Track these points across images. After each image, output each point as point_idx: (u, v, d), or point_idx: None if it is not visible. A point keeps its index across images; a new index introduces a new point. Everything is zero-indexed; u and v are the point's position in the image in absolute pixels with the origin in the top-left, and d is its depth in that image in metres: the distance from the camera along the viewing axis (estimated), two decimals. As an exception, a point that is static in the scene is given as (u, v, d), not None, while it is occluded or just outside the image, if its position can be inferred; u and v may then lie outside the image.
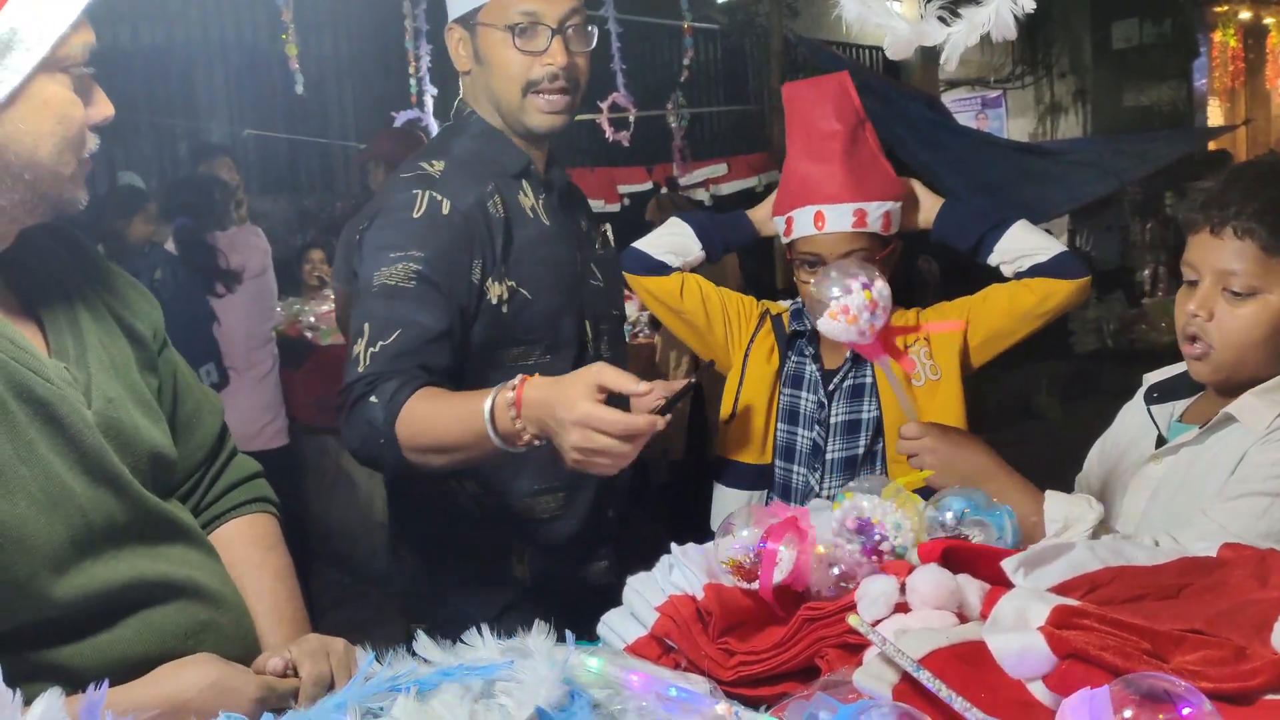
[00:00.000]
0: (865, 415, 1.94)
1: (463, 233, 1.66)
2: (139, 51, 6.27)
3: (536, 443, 1.44)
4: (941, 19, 1.27)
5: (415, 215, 1.65)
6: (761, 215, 2.08)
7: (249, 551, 1.35)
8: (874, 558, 1.19)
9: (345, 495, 4.96)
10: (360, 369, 1.58)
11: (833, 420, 1.95)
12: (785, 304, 2.08)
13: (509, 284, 1.70)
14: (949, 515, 1.23)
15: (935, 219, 1.99)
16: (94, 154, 1.17)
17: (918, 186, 2.02)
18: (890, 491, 1.25)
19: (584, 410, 1.36)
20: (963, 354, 1.96)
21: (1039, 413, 7.39)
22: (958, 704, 0.84)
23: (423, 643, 1.10)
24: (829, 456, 1.93)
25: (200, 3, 6.61)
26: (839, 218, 1.90)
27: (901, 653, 0.92)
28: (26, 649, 1.00)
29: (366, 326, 1.60)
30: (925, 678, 0.88)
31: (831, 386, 1.96)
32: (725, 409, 2.02)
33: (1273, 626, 0.92)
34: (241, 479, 1.41)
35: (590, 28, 1.77)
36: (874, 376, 1.94)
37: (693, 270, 2.07)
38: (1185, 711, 0.76)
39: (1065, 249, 1.94)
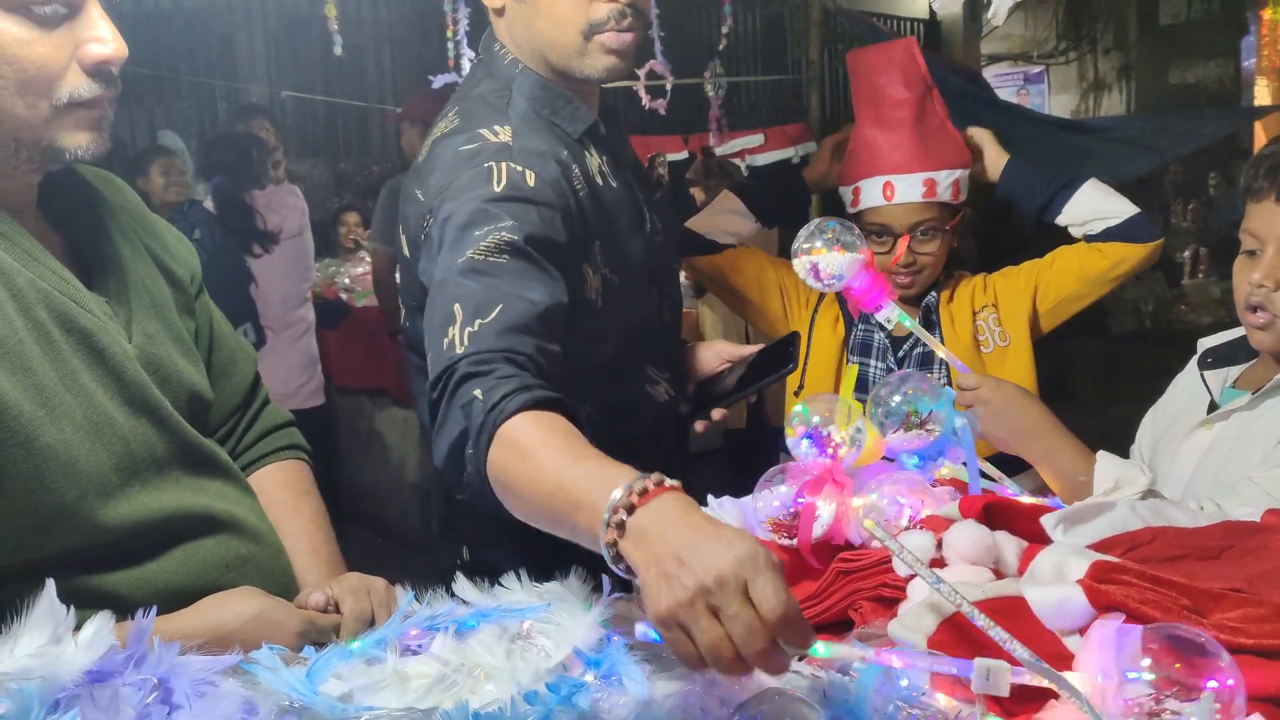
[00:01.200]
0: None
1: (556, 207, 1.39)
2: (179, 12, 6.29)
3: (629, 577, 0.96)
4: (991, -25, 1.25)
5: (497, 189, 1.36)
6: (814, 175, 2.07)
7: (284, 495, 1.37)
8: (828, 451, 1.23)
9: (377, 456, 5.01)
10: (459, 349, 1.21)
11: None
12: None
13: (602, 271, 1.47)
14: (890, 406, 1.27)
15: (1001, 175, 1.96)
16: (108, 99, 1.08)
17: (987, 139, 1.98)
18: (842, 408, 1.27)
19: (757, 557, 0.88)
20: (1032, 320, 1.96)
21: (1074, 393, 7.33)
22: (997, 634, 0.83)
23: (461, 584, 1.11)
24: None
25: (241, -37, 6.62)
26: (909, 188, 1.90)
27: (942, 581, 0.92)
28: (76, 574, 1.02)
29: (457, 308, 1.25)
30: (963, 606, 0.88)
31: (901, 354, 1.97)
32: (793, 380, 2.02)
33: (1315, 586, 0.91)
34: (274, 426, 1.43)
35: None
36: (945, 342, 1.93)
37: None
38: (1210, 675, 0.76)
39: (1137, 211, 1.91)
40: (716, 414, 1.60)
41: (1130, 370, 7.37)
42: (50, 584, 0.85)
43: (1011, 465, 1.53)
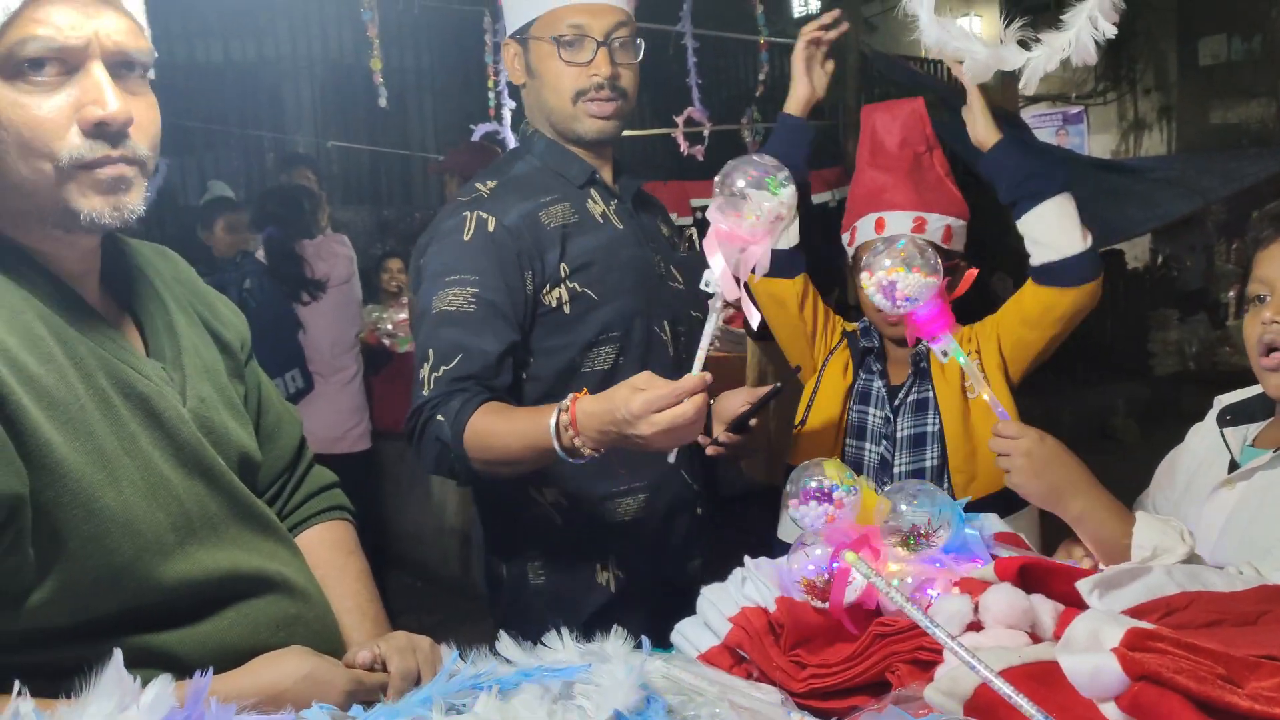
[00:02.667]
0: (930, 429, 1.95)
1: (509, 247, 1.73)
2: (230, 65, 6.48)
3: (595, 454, 1.53)
4: (1022, 43, 1.28)
5: (465, 238, 1.73)
6: (796, 101, 2.06)
7: (331, 555, 1.41)
8: (825, 503, 1.24)
9: (420, 500, 5.06)
10: (425, 392, 1.67)
11: (899, 435, 1.97)
12: (856, 324, 2.11)
13: (570, 286, 1.76)
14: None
15: (986, 154, 1.91)
16: (120, 160, 1.08)
17: (978, 105, 1.91)
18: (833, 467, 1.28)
19: (639, 402, 1.43)
20: (1004, 369, 1.96)
21: (1115, 435, 7.25)
22: (1028, 708, 0.85)
23: (505, 643, 1.14)
24: (896, 470, 1.95)
25: (288, 19, 6.81)
26: (898, 222, 1.94)
27: (972, 655, 0.93)
28: (132, 633, 1.06)
29: (431, 351, 1.69)
30: (995, 680, 0.89)
31: (897, 402, 1.98)
32: (798, 416, 2.05)
33: (1352, 656, 0.91)
34: (320, 488, 1.47)
35: (638, 41, 1.84)
36: (935, 392, 1.95)
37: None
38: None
39: (1081, 251, 1.84)
40: (723, 435, 1.80)
41: (1175, 412, 7.28)
42: (118, 653, 0.89)
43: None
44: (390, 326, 5.36)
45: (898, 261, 1.43)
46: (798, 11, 7.62)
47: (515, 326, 1.72)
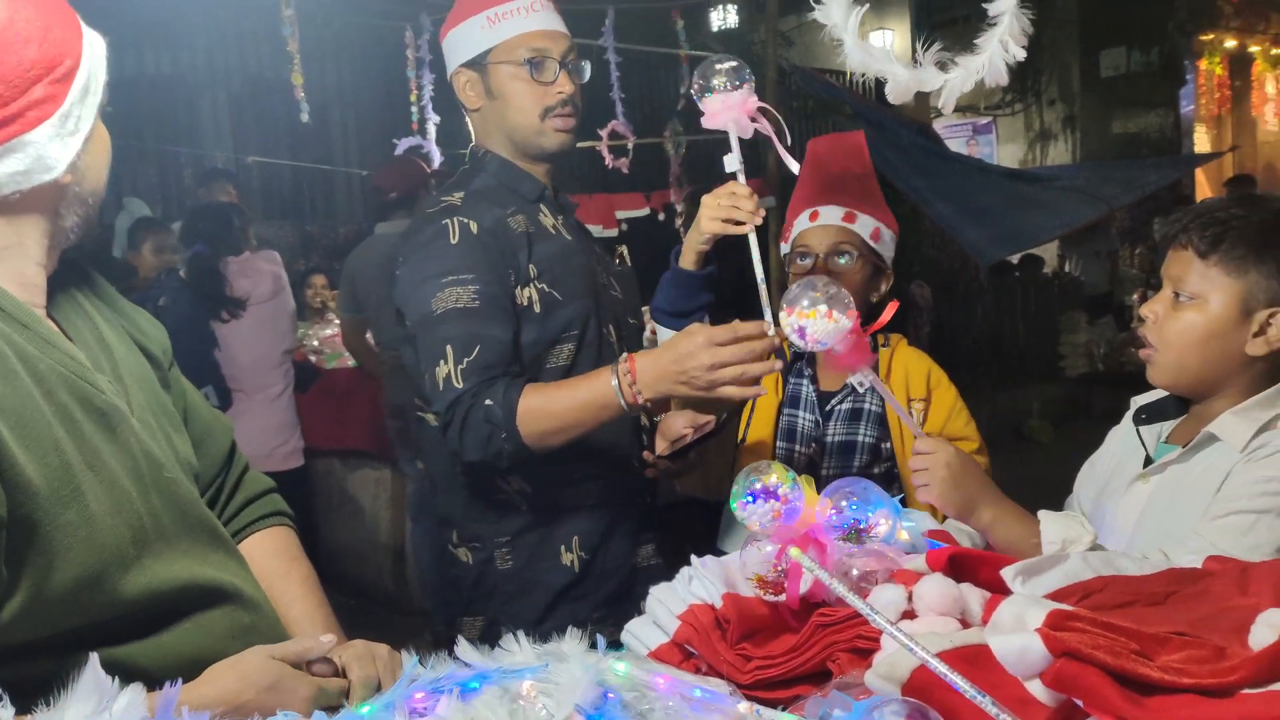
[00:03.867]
0: (861, 439, 2.03)
1: (494, 247, 1.85)
2: (144, 79, 6.37)
3: (650, 404, 1.73)
4: (939, 64, 1.36)
5: (453, 241, 1.84)
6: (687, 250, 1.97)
7: (274, 563, 1.43)
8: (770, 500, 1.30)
9: (352, 517, 5.03)
10: (459, 385, 1.77)
11: (828, 439, 2.05)
12: None
13: (539, 286, 1.88)
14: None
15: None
16: None
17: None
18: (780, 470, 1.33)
19: (701, 339, 1.63)
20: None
21: (1031, 436, 7.48)
22: (964, 686, 0.91)
23: (462, 647, 1.17)
24: (823, 473, 2.02)
25: (204, 32, 6.72)
26: (831, 213, 2.06)
27: (911, 640, 0.99)
28: (94, 646, 1.07)
29: (449, 349, 1.79)
30: (933, 662, 0.96)
31: (829, 408, 2.06)
32: (739, 433, 2.12)
33: (1250, 629, 1.00)
34: (257, 494, 1.49)
35: (584, 62, 1.99)
36: (871, 403, 2.03)
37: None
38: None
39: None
40: (650, 457, 1.97)
41: (1086, 412, 7.57)
42: (94, 657, 0.91)
43: None
44: (317, 343, 5.32)
45: (814, 304, 1.48)
46: (716, 25, 7.74)
47: (513, 319, 1.85)
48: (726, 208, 1.75)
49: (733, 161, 1.73)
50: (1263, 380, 1.54)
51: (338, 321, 5.00)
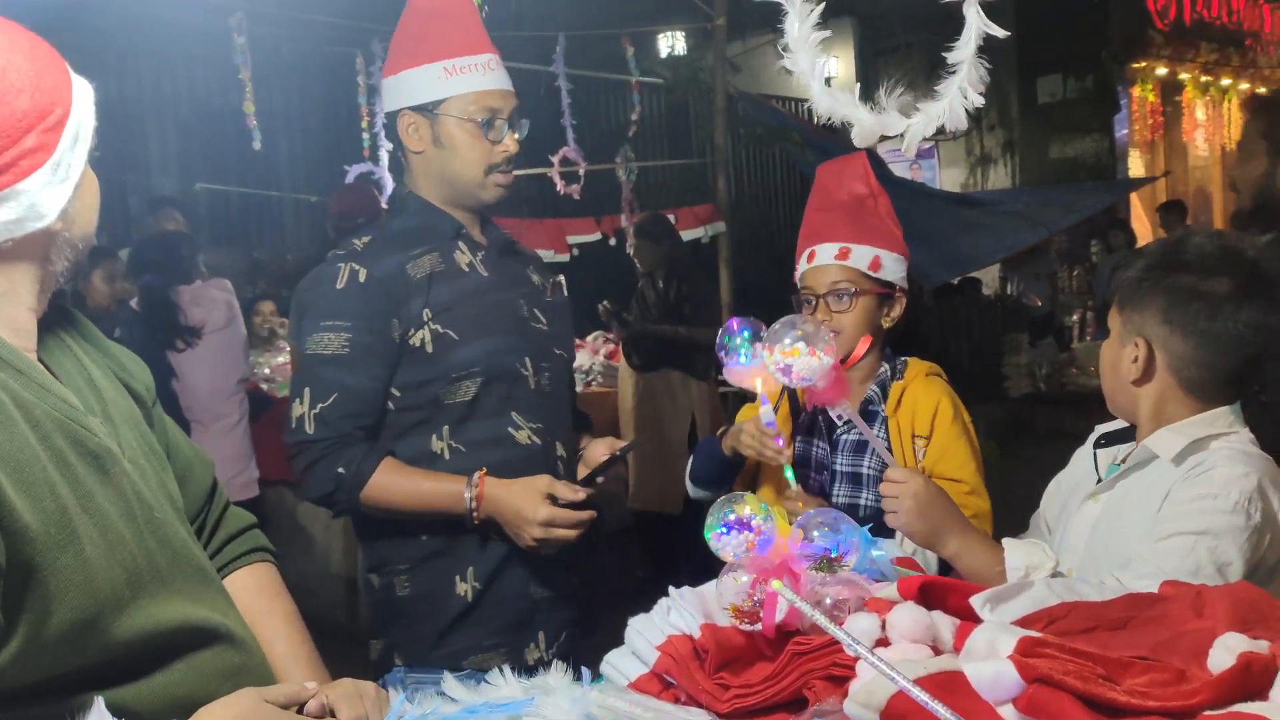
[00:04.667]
0: (865, 471, 2.06)
1: (378, 296, 1.94)
2: (88, 105, 6.28)
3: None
4: (902, 110, 1.42)
5: (339, 286, 1.94)
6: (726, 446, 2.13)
7: (257, 600, 1.44)
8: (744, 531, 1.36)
9: (304, 548, 4.97)
10: (310, 430, 1.90)
11: (837, 468, 2.09)
12: None
13: (433, 328, 1.95)
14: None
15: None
16: None
17: None
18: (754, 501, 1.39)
19: (546, 514, 1.85)
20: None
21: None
22: (944, 713, 0.95)
23: (449, 682, 1.20)
24: (834, 501, 2.06)
25: (151, 58, 6.66)
26: (826, 252, 2.08)
27: (890, 667, 1.03)
28: (88, 689, 1.08)
29: (307, 391, 1.92)
30: (914, 690, 0.99)
31: (835, 435, 2.10)
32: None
33: (1208, 652, 1.05)
34: (239, 530, 1.50)
35: (525, 120, 2.07)
36: (878, 435, 2.04)
37: None
38: None
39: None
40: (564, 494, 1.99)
41: (1030, 432, 7.71)
42: (99, 700, 0.92)
43: None
44: (268, 371, 5.27)
45: (795, 341, 1.58)
46: (665, 52, 7.83)
47: (385, 367, 1.94)
48: (757, 449, 1.98)
49: (766, 414, 1.87)
50: (1180, 405, 1.62)
51: (289, 349, 4.97)
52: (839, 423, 1.63)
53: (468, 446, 1.97)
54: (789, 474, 1.79)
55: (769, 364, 1.60)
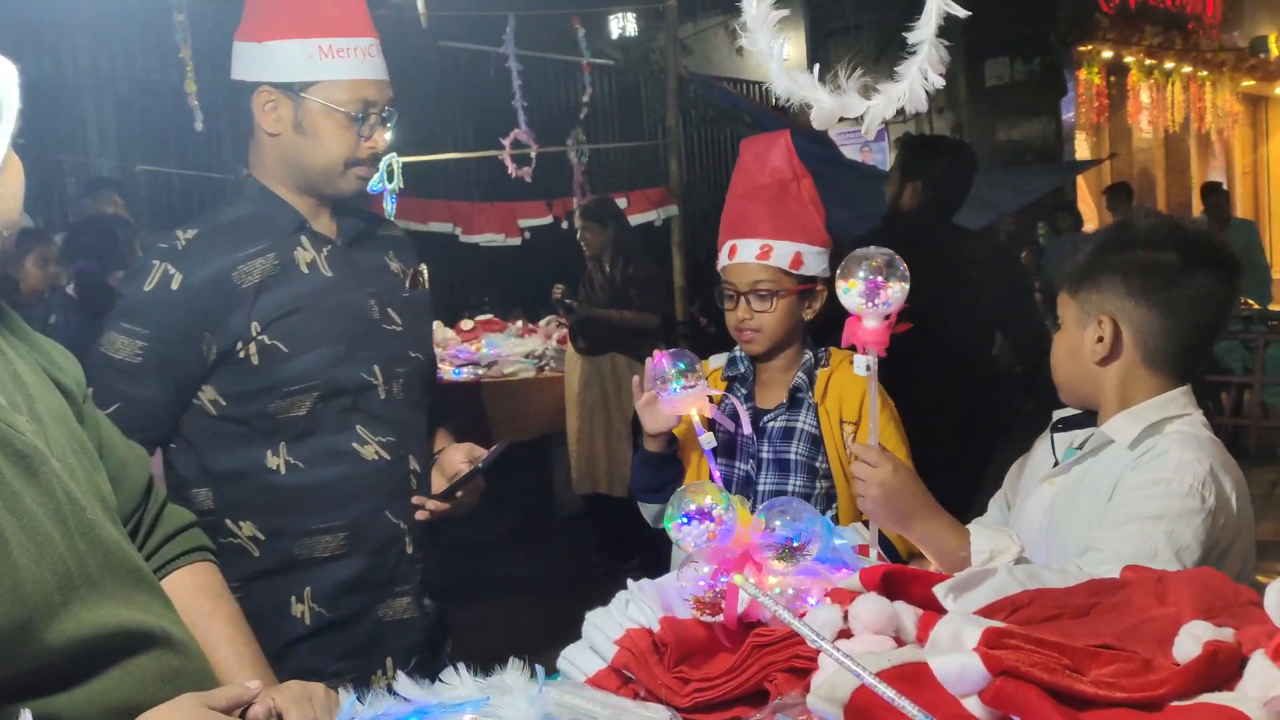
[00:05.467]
0: (793, 457, 2.05)
1: (188, 309, 1.75)
2: (23, 82, 6.09)
3: None
4: (862, 91, 1.39)
5: (145, 288, 1.76)
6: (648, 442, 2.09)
7: (198, 601, 1.38)
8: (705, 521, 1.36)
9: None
10: None
11: (763, 456, 2.07)
12: (715, 360, 2.20)
13: (259, 340, 1.79)
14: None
15: None
16: None
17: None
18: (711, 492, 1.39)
19: None
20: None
21: (928, 440, 7.64)
22: (909, 709, 0.93)
23: (402, 682, 1.16)
24: (760, 488, 2.05)
25: (88, 34, 6.47)
26: (747, 249, 2.06)
27: (855, 663, 1.01)
28: (21, 699, 1.03)
29: (90, 392, 1.72)
30: (878, 685, 0.97)
31: (762, 424, 2.08)
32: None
33: (1173, 640, 1.04)
34: (178, 529, 1.44)
35: (395, 116, 1.92)
36: (805, 422, 2.05)
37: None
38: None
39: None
40: (430, 503, 1.92)
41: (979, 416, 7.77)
42: (27, 714, 0.87)
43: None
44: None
45: (877, 274, 1.57)
46: (616, 33, 7.76)
47: (183, 380, 1.79)
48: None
49: (707, 442, 1.83)
50: (1140, 386, 1.64)
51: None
52: (860, 372, 1.59)
53: (307, 463, 1.83)
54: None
55: (850, 286, 1.57)
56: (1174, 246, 1.62)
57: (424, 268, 2.05)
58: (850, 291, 1.58)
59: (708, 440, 1.82)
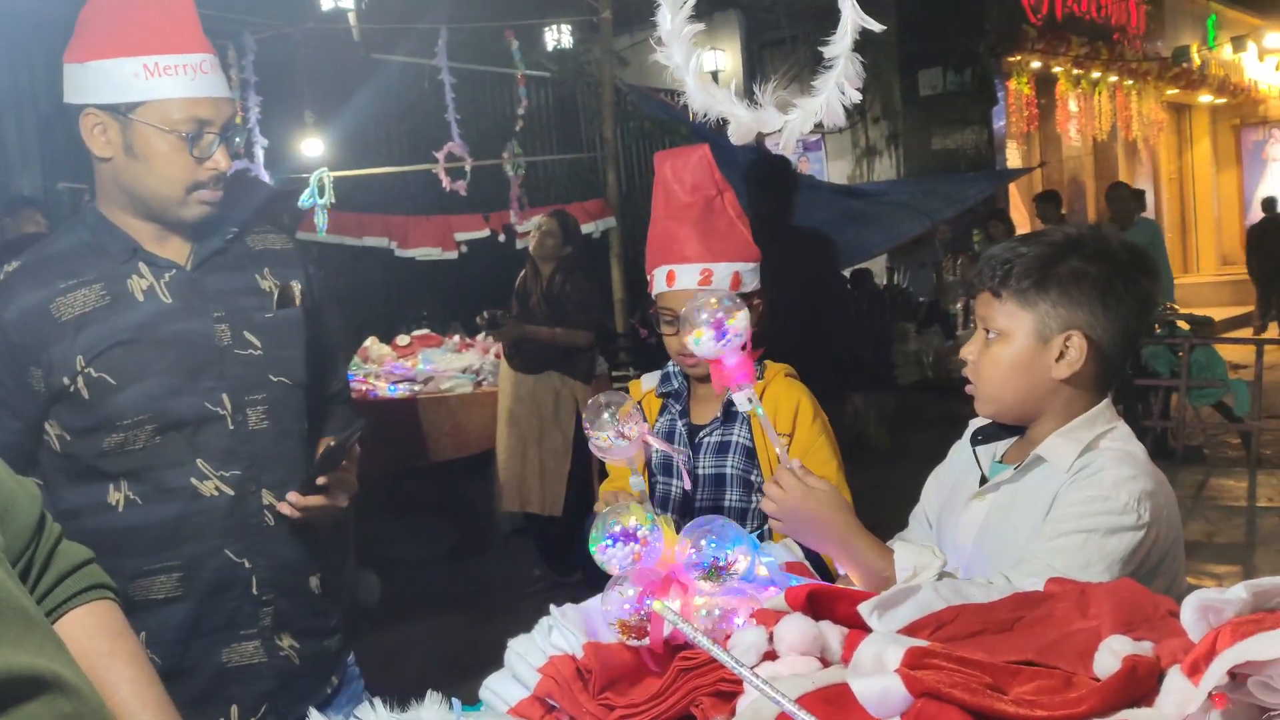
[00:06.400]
0: (729, 470, 2.04)
1: (6, 343, 1.71)
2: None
3: None
4: (779, 106, 1.39)
5: None
6: None
7: (96, 641, 1.31)
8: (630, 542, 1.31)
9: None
10: None
11: (700, 472, 2.06)
12: (648, 380, 2.18)
13: (86, 373, 1.72)
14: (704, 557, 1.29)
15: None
16: None
17: None
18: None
19: None
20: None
21: (869, 444, 7.73)
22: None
23: (314, 717, 1.12)
24: (697, 505, 2.03)
25: (6, 48, 6.30)
26: (687, 276, 2.03)
27: (774, 689, 1.00)
28: None
29: None
30: (799, 712, 0.96)
31: (698, 439, 2.07)
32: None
33: (1094, 655, 1.04)
34: (73, 567, 1.36)
35: (238, 137, 1.85)
36: (739, 435, 2.04)
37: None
38: None
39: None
40: (284, 507, 1.79)
41: (918, 419, 7.86)
42: None
43: None
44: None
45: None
46: (551, 46, 7.74)
47: (22, 415, 1.74)
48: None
49: (637, 483, 1.75)
50: (1081, 400, 1.62)
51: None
52: (745, 407, 1.58)
53: (144, 499, 1.74)
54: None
55: (698, 336, 1.56)
56: (1124, 255, 1.58)
57: (296, 284, 1.91)
58: (701, 341, 1.57)
59: (636, 483, 1.76)
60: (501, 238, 6.72)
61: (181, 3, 1.77)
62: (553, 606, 1.36)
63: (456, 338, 6.21)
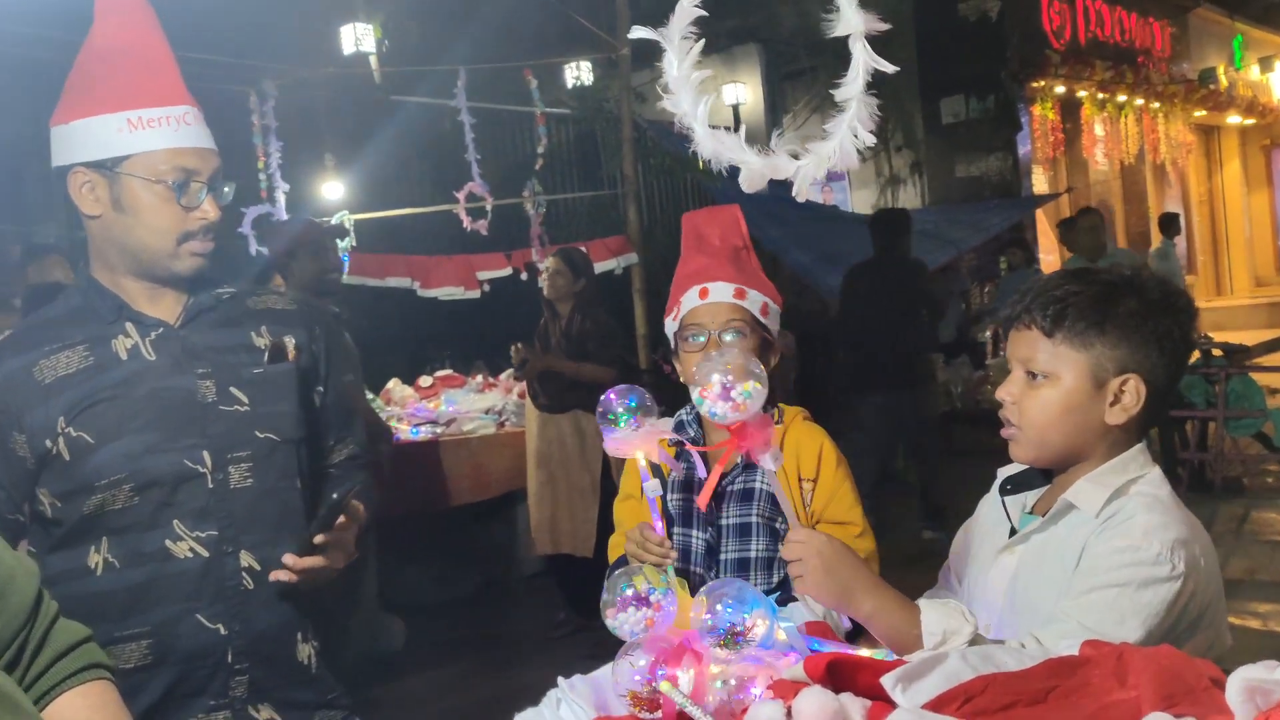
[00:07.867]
0: (755, 519, 1.97)
1: None
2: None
3: None
4: (792, 153, 1.34)
5: None
6: None
7: None
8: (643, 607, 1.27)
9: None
10: None
11: (724, 522, 1.99)
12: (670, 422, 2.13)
13: (67, 432, 1.71)
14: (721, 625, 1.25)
15: None
16: None
17: None
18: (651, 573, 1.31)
19: None
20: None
21: (898, 477, 7.61)
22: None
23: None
24: (723, 557, 1.96)
25: (29, 96, 6.38)
26: (721, 290, 1.99)
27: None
28: None
29: None
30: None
31: (721, 487, 2.00)
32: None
33: (1134, 731, 0.97)
34: (69, 646, 1.32)
35: (228, 187, 1.82)
36: (762, 482, 1.98)
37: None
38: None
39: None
40: (280, 574, 1.73)
41: (948, 450, 7.75)
42: None
43: None
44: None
45: (728, 373, 1.44)
46: (571, 83, 7.76)
47: (9, 482, 1.73)
48: (639, 551, 1.80)
49: (652, 489, 1.72)
50: (1118, 446, 1.56)
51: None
52: (771, 467, 1.52)
53: (121, 561, 1.71)
54: (670, 573, 1.54)
55: (706, 395, 1.47)
56: (1174, 298, 1.54)
57: (290, 339, 1.88)
58: (718, 412, 1.47)
59: (652, 488, 1.72)
60: (524, 276, 6.70)
61: (162, 58, 1.78)
62: (560, 679, 1.30)
63: (480, 377, 6.18)
